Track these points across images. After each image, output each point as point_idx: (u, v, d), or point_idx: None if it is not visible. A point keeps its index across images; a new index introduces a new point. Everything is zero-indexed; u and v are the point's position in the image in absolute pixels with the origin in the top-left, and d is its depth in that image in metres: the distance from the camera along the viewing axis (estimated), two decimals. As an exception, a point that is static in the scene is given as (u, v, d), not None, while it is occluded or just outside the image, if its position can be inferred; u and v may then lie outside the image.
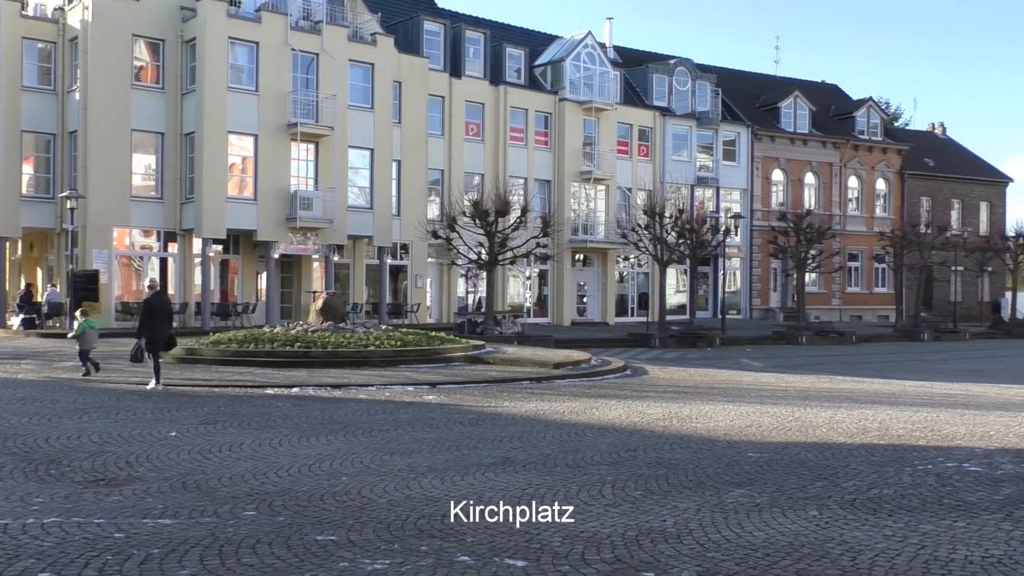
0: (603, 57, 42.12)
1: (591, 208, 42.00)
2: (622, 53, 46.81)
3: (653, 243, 34.19)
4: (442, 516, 7.04)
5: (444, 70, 37.62)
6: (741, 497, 7.75)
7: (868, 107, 52.13)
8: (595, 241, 41.32)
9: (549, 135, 40.71)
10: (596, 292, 42.59)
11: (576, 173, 40.76)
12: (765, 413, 13.32)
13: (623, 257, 42.81)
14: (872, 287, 51.64)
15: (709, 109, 45.42)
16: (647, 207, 34.91)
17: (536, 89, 40.73)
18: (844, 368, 22.51)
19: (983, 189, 57.02)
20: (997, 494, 7.89)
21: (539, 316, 40.32)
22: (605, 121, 41.54)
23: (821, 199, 49.37)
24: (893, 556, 6.03)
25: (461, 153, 38.26)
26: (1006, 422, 12.53)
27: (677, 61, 45.92)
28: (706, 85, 45.78)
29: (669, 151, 44.12)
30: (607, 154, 41.41)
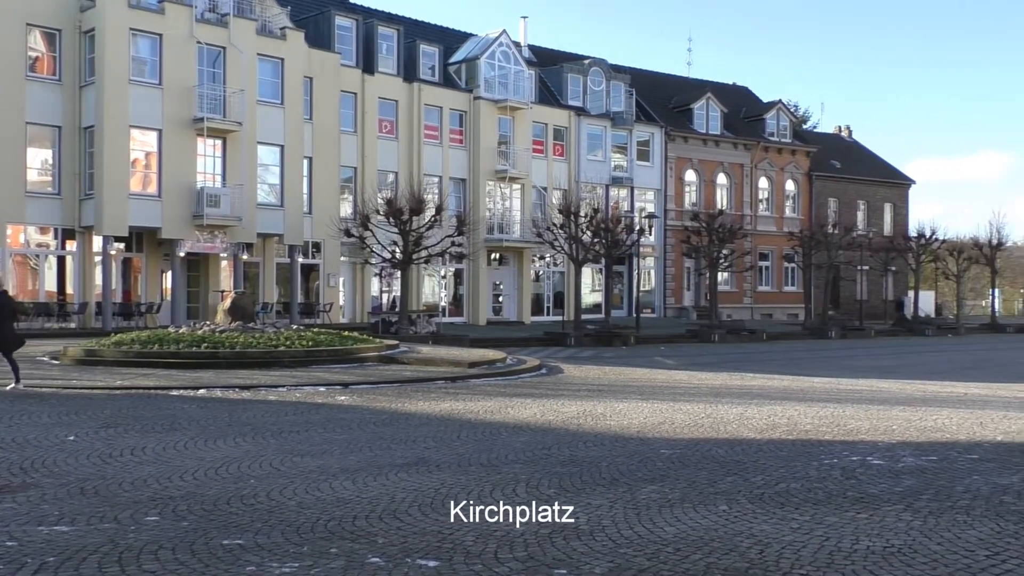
0: (518, 56, 42.31)
1: (507, 207, 42.15)
2: (537, 52, 47.10)
3: (569, 242, 34.50)
4: (353, 518, 6.98)
5: (357, 66, 37.28)
6: (653, 493, 7.88)
7: (778, 110, 53.56)
8: (511, 240, 41.48)
9: (464, 133, 40.71)
10: (512, 291, 42.77)
11: (491, 172, 40.85)
12: (678, 410, 13.56)
13: (539, 256, 43.08)
14: (782, 286, 53.08)
15: (623, 109, 46.04)
16: (562, 206, 35.21)
17: (451, 87, 40.67)
18: (755, 365, 23.07)
19: (887, 191, 59.13)
20: (898, 486, 8.19)
21: (455, 315, 40.30)
22: (520, 120, 41.72)
23: (733, 199, 50.52)
24: (799, 548, 6.20)
25: (375, 150, 37.97)
26: (908, 416, 13.01)
27: (592, 61, 46.42)
28: (620, 85, 46.39)
29: (584, 151, 44.56)
30: (522, 153, 41.61)
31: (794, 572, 5.69)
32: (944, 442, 10.67)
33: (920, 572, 5.68)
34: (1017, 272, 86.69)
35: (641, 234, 38.91)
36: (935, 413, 13.41)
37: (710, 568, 5.78)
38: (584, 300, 40.57)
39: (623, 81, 46.70)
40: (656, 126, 47.60)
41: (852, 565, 5.83)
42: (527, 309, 42.52)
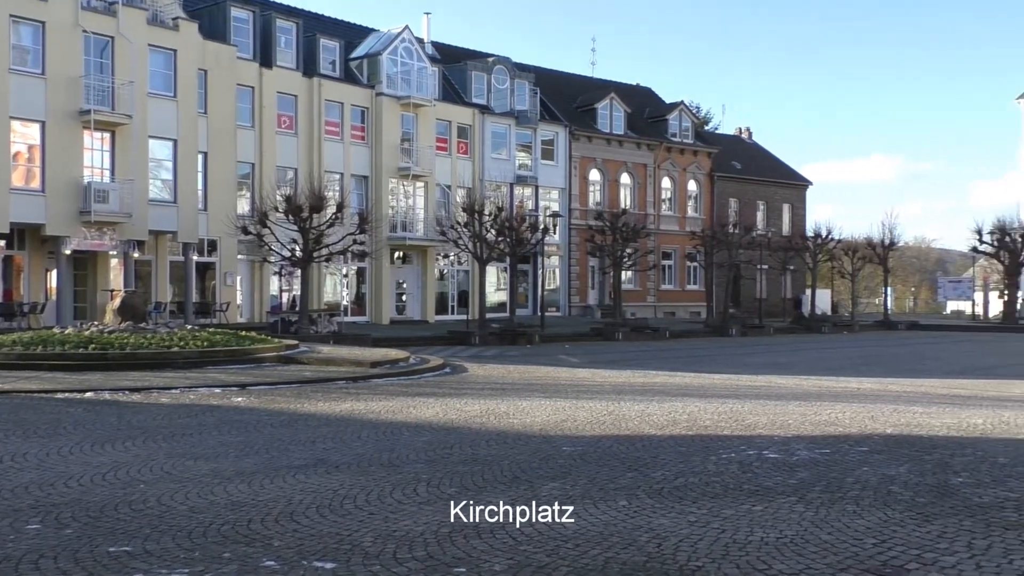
0: (421, 52, 42.15)
1: (410, 205, 41.95)
2: (440, 49, 47.01)
3: (473, 241, 34.54)
4: (248, 521, 6.85)
5: (254, 59, 36.56)
6: (555, 490, 7.96)
7: (680, 111, 54.67)
8: (414, 238, 41.30)
9: (366, 130, 40.35)
10: (416, 290, 42.59)
11: (394, 169, 40.60)
12: (580, 408, 13.72)
13: (443, 255, 43.00)
14: (685, 285, 54.22)
15: (528, 108, 46.34)
16: (467, 205, 35.24)
17: (352, 83, 40.26)
18: (658, 363, 23.50)
19: (786, 192, 60.97)
20: (792, 478, 8.46)
21: (357, 315, 39.91)
22: (424, 117, 41.58)
23: (636, 199, 51.35)
24: (696, 541, 6.35)
25: (273, 146, 37.31)
26: (803, 411, 13.45)
27: (496, 59, 46.57)
28: (524, 84, 46.66)
29: (488, 149, 44.67)
30: (426, 151, 41.47)
31: (690, 564, 5.82)
32: (837, 435, 11.06)
33: (811, 561, 5.88)
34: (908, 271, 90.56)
35: (546, 233, 39.18)
36: (829, 408, 13.89)
37: (609, 562, 5.87)
38: (489, 299, 40.67)
39: (527, 80, 46.98)
40: (560, 125, 48.05)
41: (746, 556, 6.00)
42: (431, 308, 42.40)
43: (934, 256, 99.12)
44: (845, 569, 5.72)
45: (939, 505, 7.33)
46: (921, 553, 6.01)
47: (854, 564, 5.82)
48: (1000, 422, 12.21)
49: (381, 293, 40.50)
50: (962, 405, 14.35)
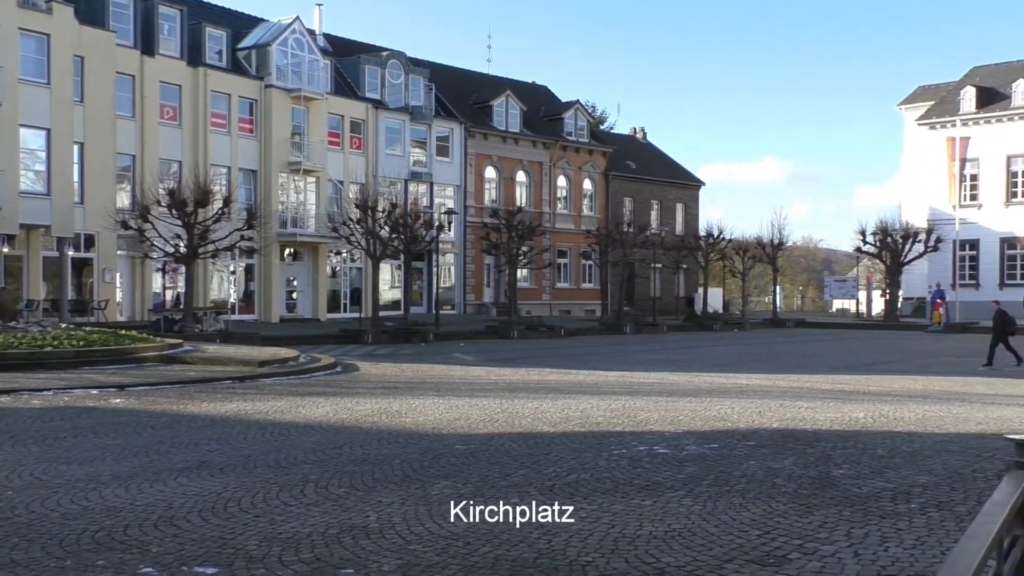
0: (312, 44, 41.51)
1: (301, 200, 41.28)
2: (333, 42, 46.39)
3: (366, 238, 34.21)
4: (125, 527, 6.63)
5: (135, 47, 35.36)
6: (446, 489, 7.96)
7: (576, 110, 55.27)
8: (305, 235, 40.67)
9: (255, 123, 39.50)
10: (307, 287, 41.94)
11: (284, 164, 39.88)
12: (474, 406, 13.75)
13: (335, 252, 42.45)
14: (580, 283, 54.88)
15: (423, 104, 46.14)
16: (359, 201, 34.88)
17: (240, 73, 39.35)
18: (553, 361, 23.72)
19: (679, 192, 62.34)
20: (681, 473, 8.67)
21: (246, 313, 39.06)
22: (315, 111, 40.97)
23: (532, 197, 51.71)
24: (586, 536, 6.45)
25: (156, 138, 36.16)
26: (694, 407, 13.78)
27: (390, 54, 46.21)
28: (419, 79, 46.45)
29: (382, 145, 44.31)
30: (318, 145, 40.88)
31: (580, 559, 5.91)
32: (726, 430, 11.38)
33: (697, 553, 6.04)
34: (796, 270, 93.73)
35: (440, 230, 39.10)
36: (719, 403, 14.27)
37: (499, 560, 5.90)
38: (382, 297, 40.34)
39: (422, 75, 46.78)
40: (456, 122, 48.01)
41: (635, 550, 6.13)
42: (323, 306, 41.82)
43: (821, 256, 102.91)
44: (730, 560, 5.89)
45: (821, 496, 7.62)
46: (803, 543, 6.24)
47: (739, 555, 6.00)
48: (880, 416, 12.76)
49: (271, 291, 39.74)
50: (845, 400, 14.92)
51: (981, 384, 17.87)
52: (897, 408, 13.62)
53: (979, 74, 54.07)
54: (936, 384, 17.82)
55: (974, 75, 54.28)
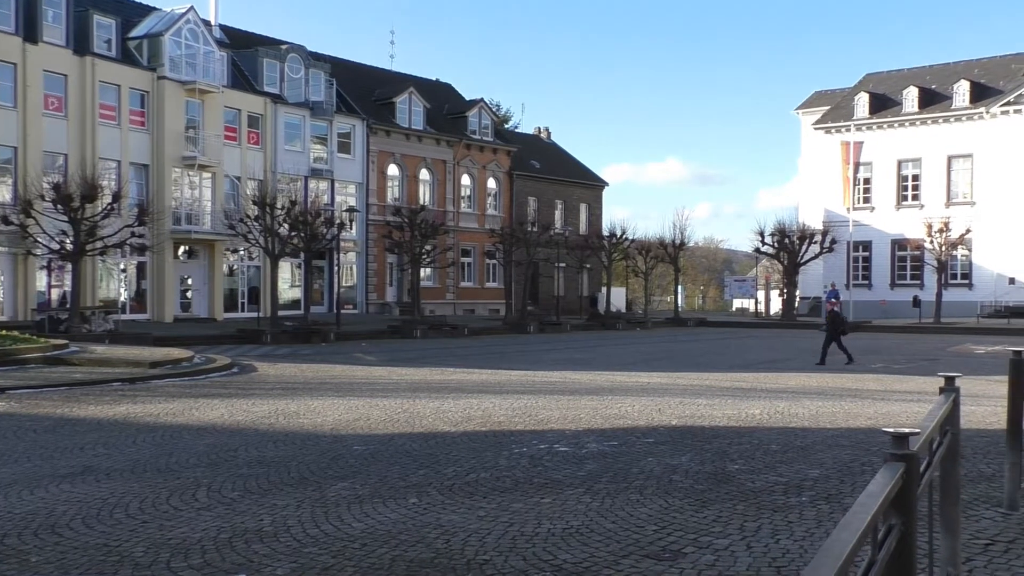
0: (208, 35, 40.56)
1: (196, 196, 40.30)
2: (229, 33, 45.41)
3: (264, 235, 33.60)
4: (2, 536, 6.38)
5: (16, 33, 33.99)
6: (343, 490, 7.88)
7: (480, 108, 55.34)
8: (201, 232, 39.72)
9: (147, 115, 38.40)
10: (203, 286, 40.97)
11: (178, 158, 38.87)
12: (375, 406, 13.65)
13: (232, 249, 41.59)
14: (484, 282, 54.99)
15: (324, 99, 45.56)
16: (258, 197, 34.23)
17: (131, 64, 38.19)
18: (456, 360, 23.71)
19: (583, 192, 63.02)
20: (581, 470, 8.77)
21: (138, 312, 37.95)
22: (211, 104, 40.05)
23: (436, 196, 51.59)
24: (484, 535, 6.47)
25: (40, 129, 34.82)
26: (595, 405, 13.95)
27: (289, 47, 45.49)
28: (320, 74, 45.85)
29: (281, 140, 43.60)
30: (213, 139, 39.97)
31: (478, 559, 5.93)
32: (625, 428, 11.56)
33: (595, 550, 6.12)
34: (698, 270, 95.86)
35: (342, 228, 38.66)
36: (620, 401, 14.48)
37: (396, 560, 5.88)
38: (282, 296, 39.72)
39: (323, 70, 46.18)
40: (358, 118, 47.55)
41: (533, 548, 6.18)
42: (219, 305, 40.92)
43: (722, 256, 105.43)
44: (627, 556, 5.99)
45: (716, 491, 7.81)
46: (697, 537, 6.39)
47: (635, 551, 6.10)
48: (775, 412, 13.14)
49: (164, 289, 38.69)
50: (742, 397, 15.31)
51: (872, 381, 18.56)
52: (792, 404, 14.05)
53: (872, 81, 56.18)
54: (830, 381, 18.43)
55: (867, 82, 56.37)
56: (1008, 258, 47.95)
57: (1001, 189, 48.20)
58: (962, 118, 49.86)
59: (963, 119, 49.84)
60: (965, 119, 49.76)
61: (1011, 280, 47.69)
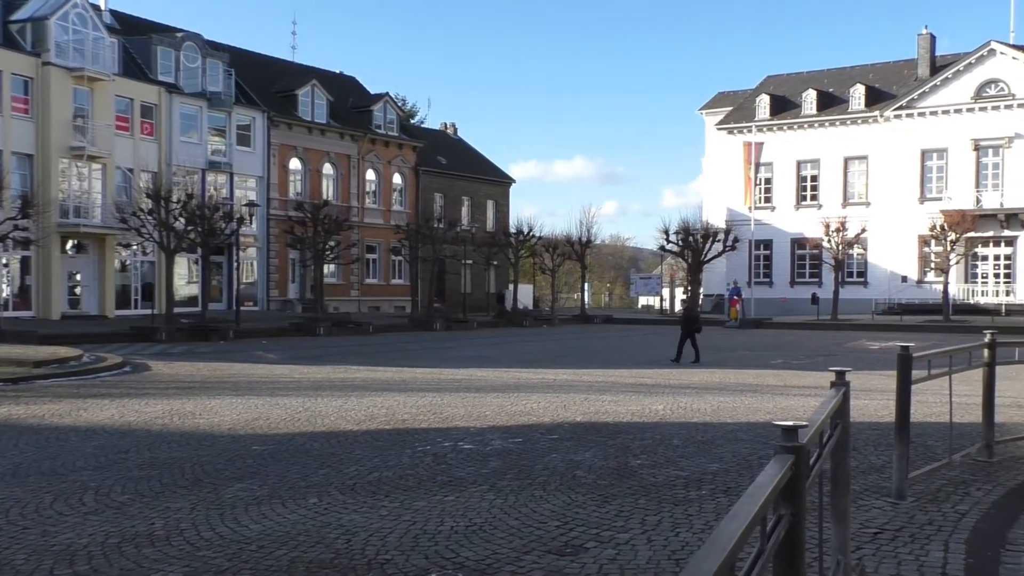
0: (97, 21, 39.27)
1: (85, 188, 39.00)
2: (121, 19, 44.01)
3: (159, 229, 32.74)
4: None
5: None
6: (240, 491, 7.75)
7: (385, 102, 54.93)
8: (90, 225, 38.46)
9: (31, 103, 36.95)
10: (92, 282, 39.67)
11: (66, 148, 37.53)
12: (275, 405, 13.45)
13: (124, 244, 40.37)
14: (390, 279, 54.63)
15: (222, 90, 44.58)
16: (151, 190, 33.32)
17: (13, 48, 36.71)
18: (360, 358, 23.50)
19: (490, 188, 63.14)
20: (485, 468, 8.80)
21: (21, 309, 36.52)
22: (101, 92, 38.79)
23: (340, 191, 51.03)
24: (386, 534, 6.44)
25: (-84, 115, 33.24)
26: (500, 402, 14.01)
27: (185, 35, 44.36)
28: (218, 64, 44.85)
29: (177, 131, 42.51)
30: (104, 129, 38.72)
31: (379, 558, 5.90)
32: (530, 424, 11.64)
33: (498, 547, 6.16)
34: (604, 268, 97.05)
35: (241, 223, 37.91)
36: (525, 398, 14.57)
37: (295, 562, 5.81)
38: (178, 292, 38.77)
39: (221, 60, 45.17)
40: (258, 110, 46.67)
41: (436, 546, 6.18)
42: (111, 302, 39.69)
43: (628, 254, 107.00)
44: (529, 552, 6.04)
45: (618, 486, 7.93)
46: (599, 532, 6.48)
47: (538, 546, 6.16)
48: (678, 407, 13.40)
49: (50, 285, 37.32)
50: (646, 393, 15.57)
51: (772, 376, 19.08)
52: (694, 400, 14.35)
53: (773, 83, 57.72)
54: (732, 377, 18.89)
55: (768, 84, 57.90)
56: (901, 257, 49.90)
57: (894, 190, 50.11)
58: (858, 121, 51.65)
59: (859, 122, 51.63)
60: (861, 122, 51.56)
61: (903, 278, 49.64)
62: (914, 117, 49.67)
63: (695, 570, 1.94)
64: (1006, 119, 47.28)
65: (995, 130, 47.47)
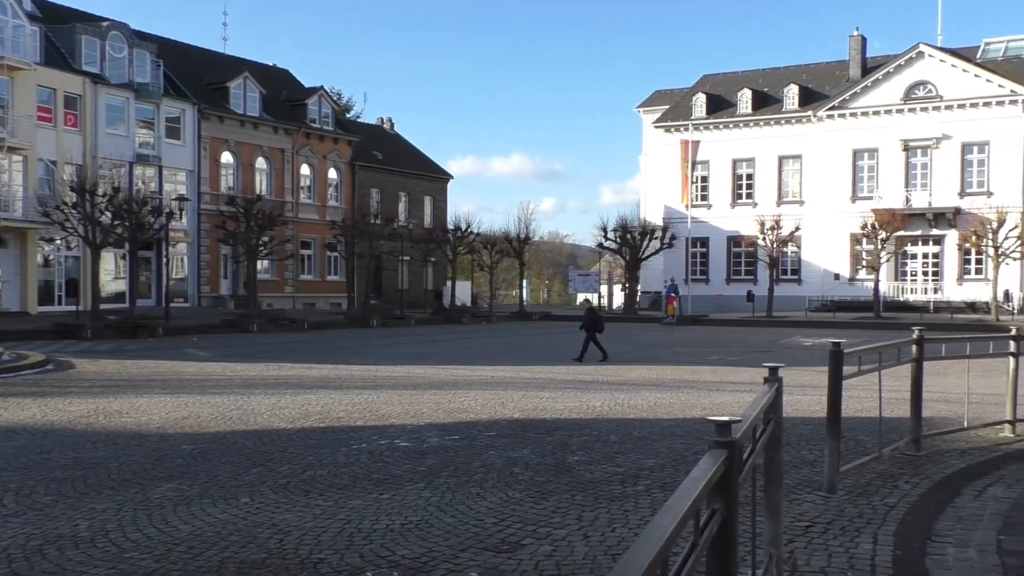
0: (17, 8, 38.21)
1: (5, 181, 37.94)
2: (43, 7, 42.86)
3: (84, 224, 32.00)
4: None
5: None
6: (169, 491, 7.62)
7: (320, 96, 54.37)
8: (11, 219, 37.43)
9: (-49, 91, 35.88)
10: (13, 278, 38.61)
11: (-14, 139, 36.51)
12: (206, 403, 13.24)
13: (47, 238, 39.34)
14: (325, 275, 54.13)
15: (150, 81, 43.70)
16: (76, 183, 32.54)
17: (-67, 34, 35.60)
18: (295, 355, 23.25)
19: (428, 184, 62.92)
20: (421, 465, 8.78)
21: (-62, 308, 35.44)
22: (21, 82, 37.74)
23: (273, 185, 50.41)
24: (320, 533, 6.39)
25: None
26: (438, 399, 13.98)
27: (111, 24, 43.38)
28: (146, 55, 43.95)
29: (103, 123, 41.58)
30: (25, 120, 37.69)
31: (313, 557, 5.85)
32: (468, 422, 11.64)
33: (433, 544, 6.14)
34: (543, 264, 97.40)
35: (171, 217, 37.20)
36: (463, 395, 14.56)
37: (225, 562, 5.73)
38: (105, 288, 37.96)
39: (149, 50, 44.27)
40: (188, 102, 45.85)
41: (370, 544, 6.14)
42: (33, 298, 38.69)
43: (567, 251, 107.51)
44: (465, 549, 6.04)
45: (555, 483, 7.97)
46: (536, 528, 6.50)
47: (474, 544, 6.16)
48: (615, 404, 13.51)
49: (-30, 282, 36.28)
50: (584, 389, 15.67)
51: (708, 373, 19.33)
52: (632, 396, 14.48)
53: (709, 82, 58.46)
54: (669, 373, 19.10)
55: (705, 83, 58.63)
56: (833, 255, 50.93)
57: (827, 189, 51.11)
58: (792, 121, 52.58)
59: (793, 122, 52.56)
60: (795, 122, 52.49)
61: (836, 276, 50.67)
62: (846, 117, 50.73)
63: (627, 565, 1.96)
64: (934, 120, 48.55)
65: (923, 131, 48.71)
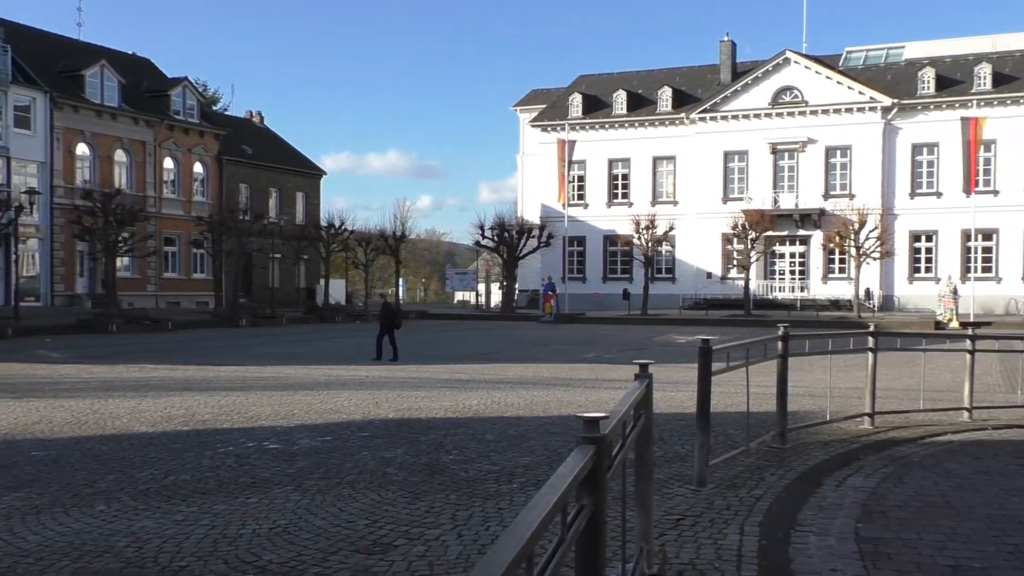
0: None
1: None
2: None
3: (-74, 218, 30.24)
4: None
5: None
6: (17, 501, 7.27)
7: (184, 87, 52.72)
8: None
9: None
10: None
11: None
12: (59, 407, 12.69)
13: None
14: (191, 273, 52.57)
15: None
16: (-82, 174, 30.72)
17: None
18: (157, 356, 22.52)
19: (300, 180, 61.81)
20: (291, 468, 8.61)
21: None
22: None
23: (134, 179, 48.65)
24: (182, 540, 6.19)
25: None
26: (309, 400, 13.75)
27: (-40, 2, 41.19)
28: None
29: (-50, 109, 39.38)
30: None
31: (174, 565, 5.66)
32: (340, 422, 11.48)
33: (303, 548, 6.03)
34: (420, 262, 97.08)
35: (20, 212, 35.52)
36: (336, 396, 14.36)
37: (78, 573, 5.51)
38: (-51, 288, 35.96)
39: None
40: (39, 90, 43.78)
41: (236, 550, 5.99)
42: None
43: (444, 249, 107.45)
44: (336, 552, 5.95)
45: (429, 483, 7.94)
46: (409, 529, 6.46)
47: (345, 546, 6.08)
48: (492, 402, 13.56)
49: None
50: (460, 388, 15.66)
51: (585, 370, 19.60)
52: (508, 394, 14.56)
53: (585, 82, 59.33)
54: (545, 371, 19.27)
55: (581, 83, 59.48)
56: (706, 254, 52.42)
57: (700, 190, 52.57)
58: (665, 122, 53.89)
59: (666, 123, 53.87)
60: (668, 123, 53.81)
61: (709, 275, 52.17)
62: (717, 120, 52.26)
63: (491, 561, 1.95)
64: (800, 125, 50.54)
65: (790, 135, 50.65)
